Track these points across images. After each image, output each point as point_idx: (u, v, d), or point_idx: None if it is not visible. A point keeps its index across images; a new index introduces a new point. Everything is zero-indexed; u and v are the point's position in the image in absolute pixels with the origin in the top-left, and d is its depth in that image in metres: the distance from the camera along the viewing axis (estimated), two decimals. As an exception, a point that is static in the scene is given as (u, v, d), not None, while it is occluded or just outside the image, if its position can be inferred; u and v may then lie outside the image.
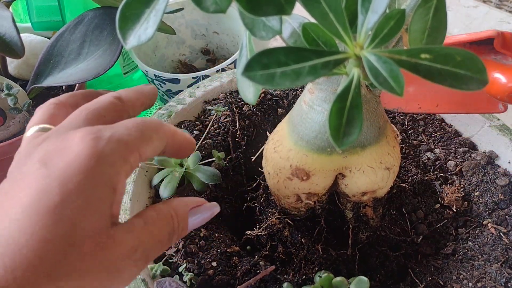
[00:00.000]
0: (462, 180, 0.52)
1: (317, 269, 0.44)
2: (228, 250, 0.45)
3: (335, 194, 0.46)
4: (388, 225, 0.48)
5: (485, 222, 0.48)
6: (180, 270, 0.42)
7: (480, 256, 0.45)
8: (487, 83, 0.27)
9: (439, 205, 0.51)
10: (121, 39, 0.30)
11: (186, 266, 0.43)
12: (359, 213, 0.45)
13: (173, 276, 0.42)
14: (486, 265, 0.44)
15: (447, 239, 0.49)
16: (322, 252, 0.45)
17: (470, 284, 0.43)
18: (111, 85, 0.77)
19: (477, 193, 0.50)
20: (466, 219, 0.50)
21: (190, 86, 0.65)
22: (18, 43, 0.54)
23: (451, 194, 0.50)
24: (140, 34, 0.30)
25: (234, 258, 0.45)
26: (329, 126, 0.25)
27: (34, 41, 0.66)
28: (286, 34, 0.35)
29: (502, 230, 0.47)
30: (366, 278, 0.40)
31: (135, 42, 0.30)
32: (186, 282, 0.42)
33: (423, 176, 0.52)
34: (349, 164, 0.40)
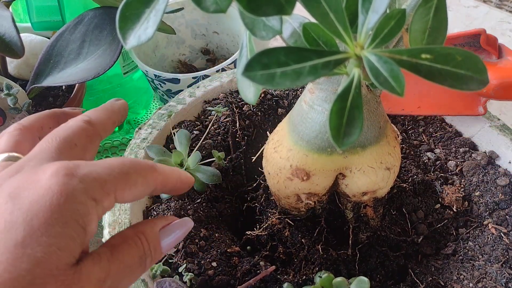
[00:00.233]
0: (463, 180, 0.52)
1: (317, 269, 0.44)
2: (228, 250, 0.45)
3: (336, 194, 0.46)
4: (388, 225, 0.48)
5: (485, 222, 0.48)
6: (180, 270, 0.42)
7: (480, 256, 0.45)
8: (488, 83, 0.27)
9: (440, 205, 0.51)
10: (121, 39, 0.30)
11: (186, 266, 0.43)
12: (360, 213, 0.45)
13: (173, 276, 0.42)
14: (486, 265, 0.44)
15: (448, 239, 0.49)
16: (322, 252, 0.45)
17: (471, 284, 0.43)
18: (111, 85, 0.77)
19: (477, 193, 0.50)
20: (467, 219, 0.50)
21: (190, 86, 0.65)
22: (18, 43, 0.54)
23: (452, 194, 0.50)
24: (140, 34, 0.30)
25: (234, 258, 0.45)
26: (329, 126, 0.25)
27: (34, 41, 0.65)
28: (286, 34, 0.35)
29: (503, 230, 0.46)
30: (366, 279, 0.40)
31: (135, 42, 0.30)
32: (186, 282, 0.41)
33: (424, 176, 0.52)
34: (349, 164, 0.40)
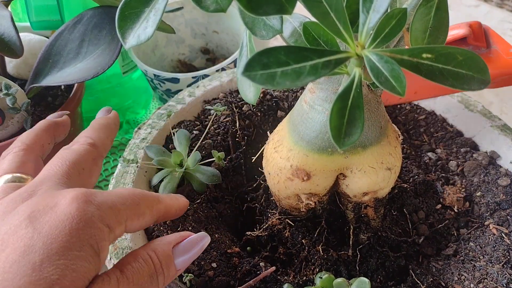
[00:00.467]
0: (464, 180, 0.52)
1: (317, 270, 0.44)
2: (228, 251, 0.45)
3: (336, 194, 0.46)
4: (389, 225, 0.48)
5: (486, 222, 0.48)
6: (179, 271, 0.42)
7: (481, 257, 0.45)
8: (489, 83, 0.27)
9: (441, 205, 0.50)
10: (120, 39, 0.30)
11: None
12: (360, 213, 0.45)
13: (172, 277, 0.42)
14: (487, 266, 0.44)
15: (449, 240, 0.49)
16: (322, 253, 0.45)
17: (472, 285, 0.43)
18: (110, 84, 0.76)
19: (478, 193, 0.50)
20: (468, 220, 0.49)
21: (189, 85, 0.65)
22: (16, 43, 0.54)
23: (453, 194, 0.50)
24: (139, 33, 0.29)
25: (234, 259, 0.45)
26: (330, 126, 0.25)
27: (32, 40, 0.65)
28: (286, 33, 0.35)
29: (504, 231, 0.46)
30: (367, 279, 0.39)
31: (135, 42, 0.30)
32: (186, 283, 0.41)
33: (425, 176, 0.52)
34: (350, 164, 0.40)
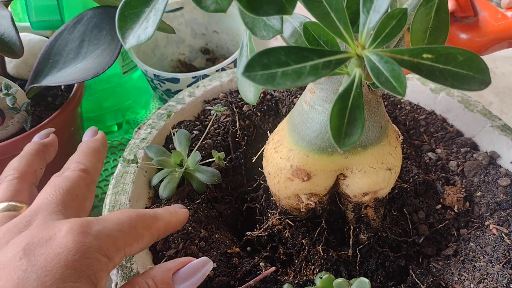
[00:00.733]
0: (464, 180, 0.52)
1: (317, 270, 0.44)
2: (228, 251, 0.45)
3: (336, 194, 0.45)
4: (389, 225, 0.47)
5: (486, 222, 0.48)
6: (179, 271, 0.42)
7: (481, 257, 0.45)
8: (490, 83, 0.27)
9: (441, 205, 0.50)
10: (120, 39, 0.30)
11: (186, 267, 0.42)
12: (360, 213, 0.45)
13: (172, 277, 0.42)
14: (487, 266, 0.44)
15: (449, 240, 0.49)
16: (323, 253, 0.45)
17: (472, 285, 0.43)
18: (110, 84, 0.76)
19: (478, 193, 0.50)
20: (468, 220, 0.49)
21: (189, 85, 0.65)
22: (16, 43, 0.54)
23: (453, 194, 0.50)
24: (139, 33, 0.29)
25: (234, 259, 0.45)
26: (330, 126, 0.25)
27: (33, 40, 0.65)
28: (287, 33, 0.35)
29: (504, 231, 0.46)
30: (367, 279, 0.39)
31: (135, 42, 0.30)
32: (186, 283, 0.41)
33: (425, 176, 0.52)
34: (350, 164, 0.40)
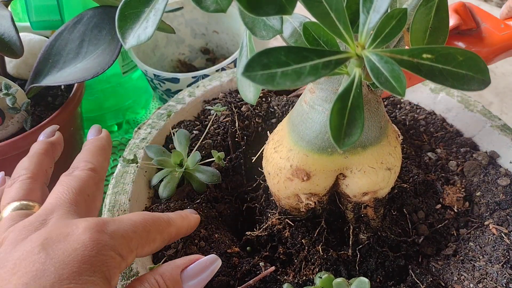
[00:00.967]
0: (464, 180, 0.52)
1: (317, 270, 0.44)
2: (228, 250, 0.45)
3: (336, 194, 0.46)
4: (389, 225, 0.48)
5: (486, 222, 0.48)
6: (179, 271, 0.42)
7: (481, 256, 0.45)
8: (489, 83, 0.27)
9: (440, 205, 0.50)
10: (120, 39, 0.30)
11: (186, 267, 0.42)
12: (360, 213, 0.45)
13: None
14: (487, 266, 0.44)
15: (448, 240, 0.49)
16: (322, 253, 0.45)
17: (471, 285, 0.43)
18: (110, 84, 0.76)
19: (478, 193, 0.50)
20: (467, 220, 0.49)
21: (189, 85, 0.65)
22: (16, 43, 0.54)
23: (452, 194, 0.50)
24: (139, 33, 0.29)
25: (234, 259, 0.45)
26: (330, 126, 0.25)
27: (33, 40, 0.65)
28: (286, 33, 0.35)
29: (504, 231, 0.46)
30: (366, 279, 0.39)
31: (134, 42, 0.30)
32: (186, 283, 0.41)
33: (424, 176, 0.52)
34: (350, 164, 0.40)
